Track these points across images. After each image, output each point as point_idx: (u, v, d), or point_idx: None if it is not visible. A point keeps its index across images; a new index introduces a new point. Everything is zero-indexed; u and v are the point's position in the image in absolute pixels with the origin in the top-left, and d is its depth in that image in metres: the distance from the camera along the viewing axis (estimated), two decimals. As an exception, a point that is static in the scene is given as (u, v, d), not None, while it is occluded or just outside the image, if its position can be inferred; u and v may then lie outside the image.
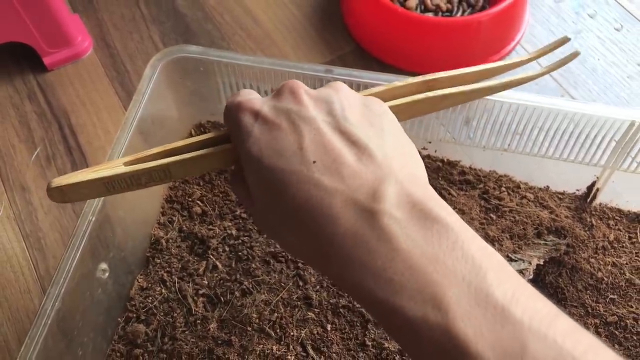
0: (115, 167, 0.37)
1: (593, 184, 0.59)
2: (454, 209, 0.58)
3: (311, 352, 0.50)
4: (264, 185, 0.32)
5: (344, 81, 0.53)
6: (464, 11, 0.79)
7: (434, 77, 0.43)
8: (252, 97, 0.35)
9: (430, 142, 0.60)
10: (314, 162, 0.30)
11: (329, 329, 0.51)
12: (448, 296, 0.26)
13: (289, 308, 0.52)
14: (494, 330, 0.25)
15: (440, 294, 0.26)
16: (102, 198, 0.48)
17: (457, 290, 0.26)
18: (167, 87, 0.57)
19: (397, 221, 0.28)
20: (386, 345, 0.49)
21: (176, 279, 0.55)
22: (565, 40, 0.48)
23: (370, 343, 0.49)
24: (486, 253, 0.28)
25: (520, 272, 0.52)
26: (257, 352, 0.51)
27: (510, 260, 0.54)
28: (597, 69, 0.78)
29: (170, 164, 0.36)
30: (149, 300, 0.54)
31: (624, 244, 0.59)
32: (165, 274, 0.55)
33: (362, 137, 0.31)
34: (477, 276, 0.26)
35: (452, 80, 0.43)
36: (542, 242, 0.57)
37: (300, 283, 0.53)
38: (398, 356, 0.48)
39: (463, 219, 0.54)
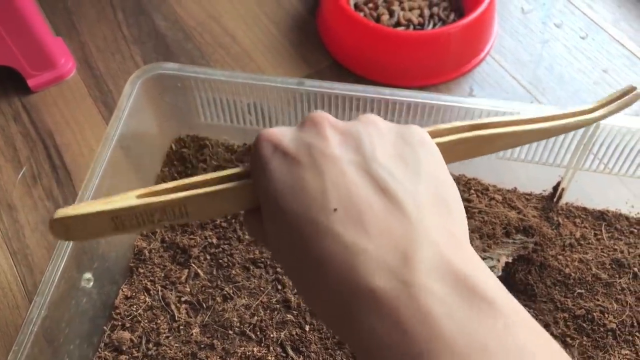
0: (126, 199, 0.32)
1: (558, 184, 0.62)
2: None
3: (290, 352, 0.52)
4: (279, 229, 0.28)
5: (316, 93, 0.55)
6: (434, 24, 0.82)
7: (484, 122, 0.37)
8: (277, 129, 0.31)
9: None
10: (335, 210, 0.26)
11: (307, 329, 0.53)
12: None
13: (268, 311, 0.54)
14: None
15: None
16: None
17: None
18: (147, 103, 0.59)
19: (437, 298, 0.23)
20: (362, 342, 0.51)
21: (159, 288, 0.57)
22: (630, 90, 0.42)
23: (346, 341, 0.51)
24: (539, 340, 0.24)
25: (490, 269, 0.55)
26: (239, 354, 0.53)
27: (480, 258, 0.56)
28: (564, 76, 0.81)
29: (186, 199, 0.32)
30: (134, 309, 0.56)
31: (589, 241, 0.62)
32: (148, 283, 0.57)
33: (392, 183, 0.27)
34: None
35: (502, 125, 0.37)
36: (511, 241, 0.59)
37: (279, 287, 0.55)
38: (373, 353, 0.50)
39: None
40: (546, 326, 0.58)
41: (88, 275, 0.51)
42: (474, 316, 0.23)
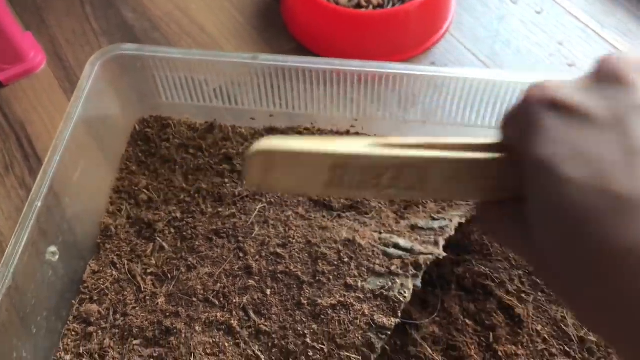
0: (352, 145, 0.25)
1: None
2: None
3: (252, 315, 0.54)
4: (559, 215, 0.21)
5: (270, 67, 0.58)
6: (394, 4, 0.84)
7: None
8: (550, 82, 0.24)
9: (356, 120, 0.65)
10: None
11: (268, 293, 0.55)
12: None
13: (231, 278, 0.56)
14: None
15: None
16: (49, 182, 0.52)
17: None
18: (108, 84, 0.61)
19: None
20: (319, 301, 0.53)
21: (126, 261, 0.59)
22: None
23: (305, 302, 0.53)
24: None
25: (441, 228, 0.57)
26: (203, 320, 0.54)
27: (433, 219, 0.59)
28: (521, 49, 0.83)
29: (433, 161, 0.25)
30: (101, 282, 0.58)
31: (542, 201, 0.64)
32: (115, 258, 0.59)
33: None
34: None
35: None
36: (465, 203, 0.61)
37: (241, 255, 0.57)
38: (330, 310, 0.52)
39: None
40: (502, 283, 0.60)
41: (53, 248, 0.53)
42: None
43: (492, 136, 0.25)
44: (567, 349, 0.57)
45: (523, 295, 0.59)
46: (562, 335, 0.57)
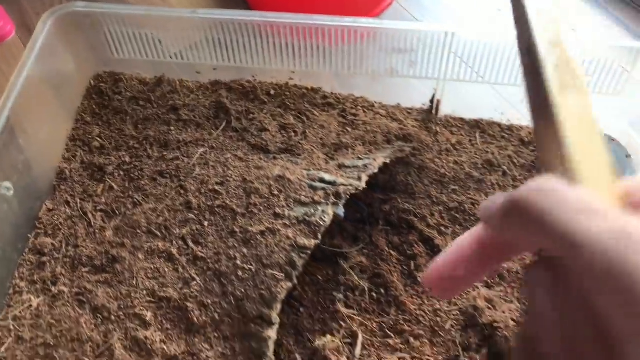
0: None
1: (434, 96, 0.69)
2: (314, 125, 0.68)
3: (191, 244, 0.59)
4: None
5: (209, 20, 0.63)
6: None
7: None
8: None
9: (294, 72, 0.70)
10: None
11: (206, 225, 0.60)
12: None
13: (172, 212, 0.62)
14: None
15: None
16: (4, 121, 0.57)
17: None
18: (62, 41, 0.66)
19: None
20: (250, 229, 0.58)
21: (78, 200, 0.64)
22: None
23: (238, 230, 0.59)
24: None
25: (365, 166, 0.62)
26: (146, 249, 0.60)
27: (359, 159, 0.64)
28: (465, 18, 0.89)
29: None
30: (55, 219, 0.63)
31: (465, 146, 0.69)
32: (69, 197, 0.64)
33: None
34: None
35: None
36: (391, 147, 0.67)
37: (182, 192, 0.63)
38: (260, 236, 0.57)
39: (320, 133, 0.66)
40: (423, 218, 0.65)
41: (7, 184, 0.59)
42: None
43: None
44: (480, 275, 0.62)
45: (442, 228, 0.65)
46: (477, 262, 0.63)
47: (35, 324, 0.57)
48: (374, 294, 0.62)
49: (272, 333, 0.54)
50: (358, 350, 0.59)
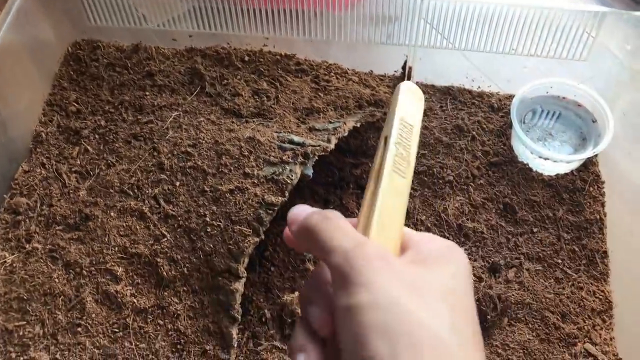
0: None
1: (405, 63, 0.71)
2: (287, 91, 0.69)
3: (162, 203, 0.61)
4: None
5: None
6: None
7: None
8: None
9: (267, 38, 0.71)
10: None
11: (177, 185, 0.62)
12: None
13: (145, 173, 0.63)
14: None
15: None
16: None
17: None
18: (38, 9, 0.67)
19: None
20: (220, 188, 0.59)
21: (54, 162, 0.65)
22: None
23: (208, 189, 0.60)
24: None
25: (335, 129, 0.63)
26: (118, 208, 0.61)
27: (329, 123, 0.65)
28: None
29: None
30: (31, 180, 0.64)
31: (435, 112, 0.70)
32: (45, 160, 0.66)
33: None
34: None
35: None
36: (362, 112, 0.68)
37: (155, 154, 0.64)
38: (229, 194, 0.59)
39: (293, 98, 0.68)
40: (393, 181, 0.66)
41: (-18, 143, 0.60)
42: None
43: None
44: (447, 235, 0.64)
45: (411, 191, 0.66)
46: (443, 223, 0.64)
47: (9, 279, 0.58)
48: (343, 254, 0.63)
49: (239, 286, 0.56)
50: (325, 306, 0.60)
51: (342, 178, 0.68)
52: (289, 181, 0.58)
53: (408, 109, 0.34)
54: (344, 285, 0.26)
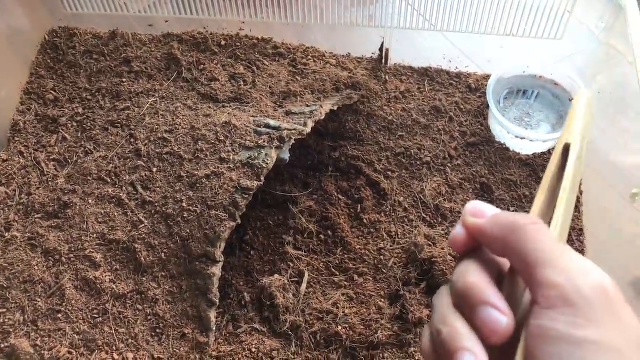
0: None
1: (382, 45, 0.71)
2: (264, 75, 0.69)
3: (140, 189, 0.61)
4: None
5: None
6: None
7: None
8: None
9: (244, 22, 0.71)
10: None
11: (154, 171, 0.62)
12: None
13: (122, 160, 0.63)
14: None
15: None
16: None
17: None
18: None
19: None
20: (196, 173, 0.60)
21: (32, 151, 0.66)
22: None
23: (184, 175, 0.60)
24: None
25: (312, 112, 0.63)
26: (96, 195, 0.61)
27: (306, 106, 0.65)
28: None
29: None
30: (9, 169, 0.64)
31: (413, 94, 0.71)
32: (23, 148, 0.66)
33: None
34: None
35: None
36: (339, 95, 0.68)
37: (132, 140, 0.64)
38: (205, 180, 0.59)
39: (270, 82, 0.68)
40: (371, 163, 0.67)
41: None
42: None
43: None
44: (424, 215, 0.64)
45: (389, 172, 0.66)
46: (421, 204, 0.65)
47: (-11, 268, 0.59)
48: (322, 236, 0.64)
49: (216, 270, 0.56)
50: (303, 287, 0.60)
51: (321, 161, 0.68)
52: (264, 165, 0.58)
53: (588, 122, 0.32)
54: (567, 312, 0.24)
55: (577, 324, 0.23)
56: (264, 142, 0.59)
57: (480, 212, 0.28)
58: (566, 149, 0.30)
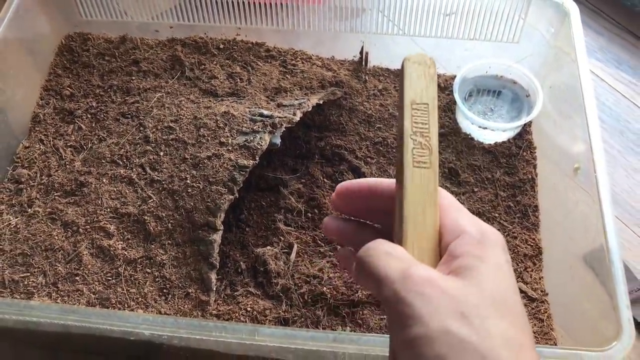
0: None
1: (362, 48, 0.80)
2: (258, 74, 0.78)
3: (148, 170, 0.69)
4: None
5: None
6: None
7: None
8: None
9: (240, 28, 0.80)
10: None
11: (161, 155, 0.70)
12: None
13: (132, 145, 0.71)
14: None
15: None
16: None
17: None
18: (36, 5, 0.75)
19: None
20: (199, 155, 0.68)
21: (51, 139, 0.74)
22: None
23: (188, 157, 0.68)
24: None
25: (300, 104, 0.72)
26: (109, 175, 0.69)
27: (295, 100, 0.74)
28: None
29: None
30: (31, 154, 0.72)
31: (390, 92, 0.80)
32: (43, 137, 0.74)
33: None
34: None
35: None
36: (324, 91, 0.77)
37: (141, 129, 0.72)
38: (207, 160, 0.67)
39: (263, 79, 0.76)
40: (352, 151, 0.76)
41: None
42: None
43: None
44: (399, 195, 0.73)
45: (368, 159, 0.75)
46: (397, 186, 0.73)
47: (14, 238, 0.66)
48: (309, 214, 0.72)
49: (217, 237, 0.64)
50: (293, 256, 0.68)
51: (309, 150, 0.77)
52: (259, 147, 0.67)
53: (417, 87, 0.32)
54: (397, 319, 0.26)
55: (405, 326, 0.26)
56: (259, 127, 0.68)
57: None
58: (401, 135, 0.32)
